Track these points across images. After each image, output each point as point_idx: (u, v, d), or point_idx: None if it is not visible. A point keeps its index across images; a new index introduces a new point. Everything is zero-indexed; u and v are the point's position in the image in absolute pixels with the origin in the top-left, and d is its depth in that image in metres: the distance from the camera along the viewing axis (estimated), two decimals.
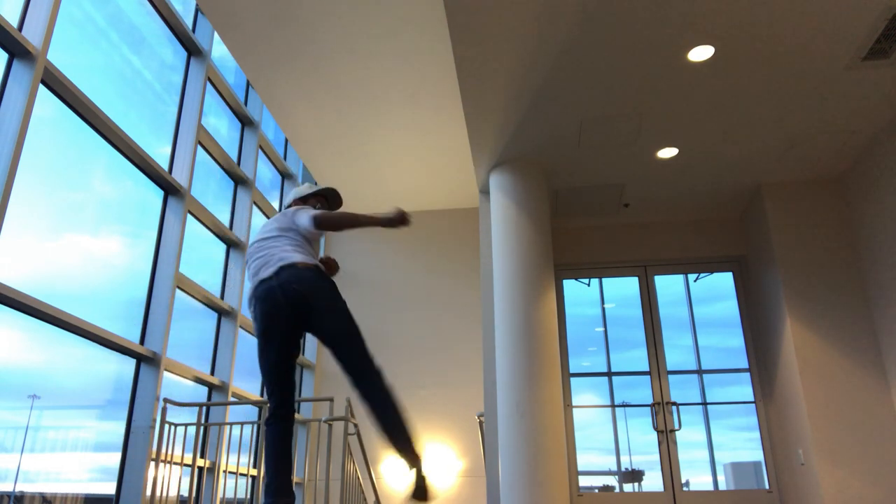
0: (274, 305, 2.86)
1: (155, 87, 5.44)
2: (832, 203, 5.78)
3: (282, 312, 2.86)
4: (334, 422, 4.68)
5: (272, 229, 3.12)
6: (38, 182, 4.04)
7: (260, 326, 2.90)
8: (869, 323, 5.38)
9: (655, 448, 6.04)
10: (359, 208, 8.57)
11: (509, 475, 4.73)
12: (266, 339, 2.89)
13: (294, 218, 3.12)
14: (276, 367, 2.89)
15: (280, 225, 3.12)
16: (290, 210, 3.21)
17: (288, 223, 3.11)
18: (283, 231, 3.08)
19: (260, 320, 2.90)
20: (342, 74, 5.97)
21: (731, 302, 6.52)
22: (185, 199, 5.40)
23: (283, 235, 3.06)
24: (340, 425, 6.11)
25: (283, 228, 3.09)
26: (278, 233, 3.08)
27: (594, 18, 3.96)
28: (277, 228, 3.10)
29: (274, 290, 2.86)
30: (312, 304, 2.88)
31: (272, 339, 2.88)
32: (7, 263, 3.68)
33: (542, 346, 4.99)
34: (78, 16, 4.50)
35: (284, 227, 3.10)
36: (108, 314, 4.56)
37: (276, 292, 2.86)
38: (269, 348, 2.89)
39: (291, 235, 3.07)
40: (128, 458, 4.62)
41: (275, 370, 2.89)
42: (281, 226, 3.11)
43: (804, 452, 5.30)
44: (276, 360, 2.89)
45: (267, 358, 2.90)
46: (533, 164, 5.53)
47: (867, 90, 4.66)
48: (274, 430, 2.87)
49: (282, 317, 2.87)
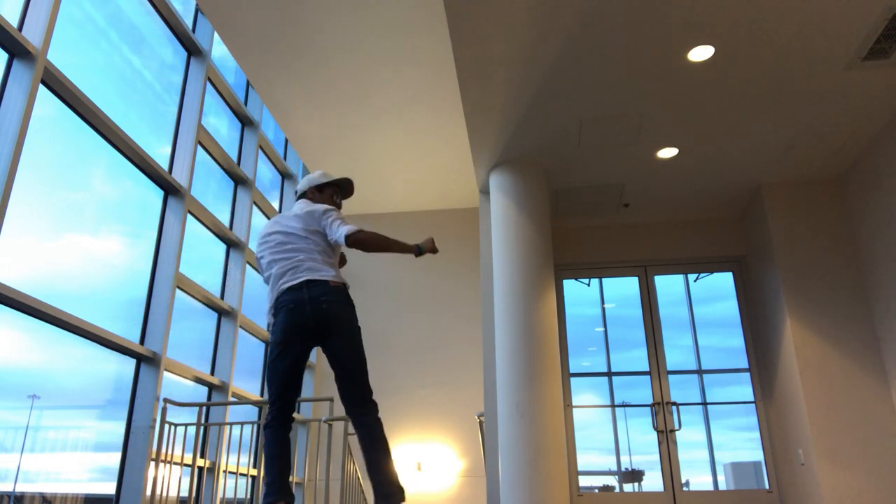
0: (301, 321, 2.83)
1: (155, 87, 5.44)
2: (832, 203, 5.78)
3: (307, 329, 2.84)
4: (334, 422, 4.68)
5: (297, 228, 2.99)
6: (38, 182, 4.04)
7: (280, 337, 2.86)
8: (869, 323, 5.38)
9: (655, 448, 6.04)
10: (359, 208, 8.60)
11: (509, 475, 4.73)
12: (282, 349, 2.86)
13: (323, 222, 3.00)
14: (286, 374, 2.87)
15: (306, 226, 2.99)
16: (316, 209, 3.07)
17: (315, 225, 3.00)
18: (310, 233, 2.97)
19: (281, 331, 2.85)
20: (342, 74, 5.97)
21: (731, 302, 6.52)
22: (185, 199, 5.40)
23: (310, 238, 2.96)
24: (340, 425, 6.11)
25: (310, 231, 2.98)
26: (304, 234, 2.97)
27: (594, 18, 3.96)
28: (304, 229, 2.98)
29: (303, 305, 2.82)
30: (335, 329, 2.85)
31: (289, 352, 2.86)
32: (7, 263, 3.68)
33: (542, 346, 4.99)
34: (78, 16, 4.50)
35: (311, 230, 2.98)
36: (108, 314, 4.56)
37: (306, 307, 2.82)
38: (285, 358, 2.86)
39: (317, 240, 2.97)
40: (128, 458, 4.62)
41: (283, 377, 2.87)
42: (307, 227, 2.99)
43: (804, 452, 5.30)
44: (287, 370, 2.87)
45: (279, 366, 2.86)
46: (533, 164, 5.53)
47: (867, 90, 4.66)
48: (275, 433, 2.85)
49: (305, 333, 2.85)
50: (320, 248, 2.97)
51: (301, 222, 3.02)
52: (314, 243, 2.97)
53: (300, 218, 3.04)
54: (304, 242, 2.96)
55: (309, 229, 3.00)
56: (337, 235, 2.95)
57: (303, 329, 2.84)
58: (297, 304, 2.83)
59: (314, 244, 2.97)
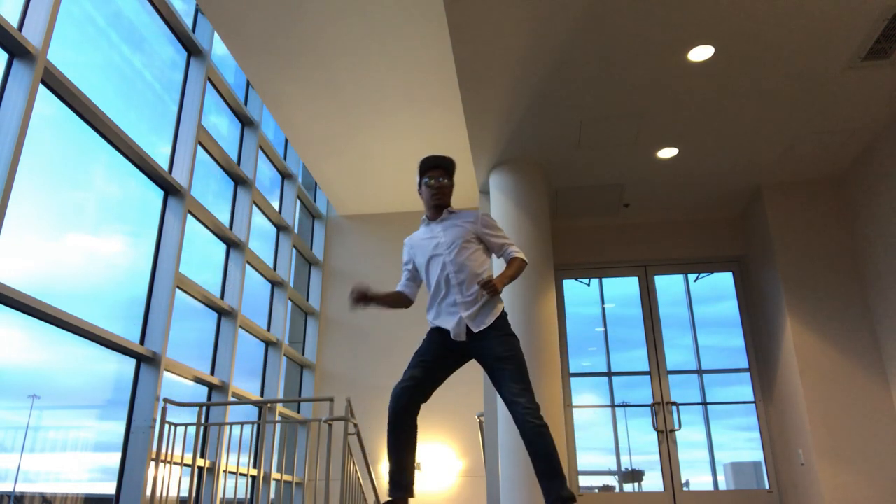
0: (453, 343, 2.84)
1: (155, 87, 5.44)
2: (832, 203, 5.79)
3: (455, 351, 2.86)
4: (334, 422, 4.68)
5: (458, 237, 2.88)
6: (38, 182, 4.04)
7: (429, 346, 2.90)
8: (869, 323, 5.38)
9: (655, 448, 6.04)
10: (359, 208, 8.60)
11: (509, 475, 4.73)
12: (430, 352, 2.89)
13: (492, 238, 2.91)
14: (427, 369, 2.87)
15: (465, 236, 2.88)
16: (475, 216, 2.95)
17: (477, 231, 2.91)
18: (467, 244, 2.88)
19: (432, 341, 2.89)
20: (342, 75, 5.97)
21: (731, 302, 6.52)
22: (185, 199, 5.39)
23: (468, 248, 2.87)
24: (340, 425, 6.12)
25: (468, 241, 2.88)
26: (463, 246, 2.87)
27: (594, 18, 3.96)
28: (463, 239, 2.88)
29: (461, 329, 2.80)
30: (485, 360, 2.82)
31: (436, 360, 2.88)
32: (7, 263, 3.68)
33: (542, 346, 4.99)
34: (78, 16, 4.50)
35: (469, 238, 2.89)
36: (108, 314, 4.56)
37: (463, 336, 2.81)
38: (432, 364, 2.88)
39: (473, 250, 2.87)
40: (128, 458, 4.62)
41: (424, 367, 2.86)
42: (466, 237, 2.88)
43: (804, 452, 5.30)
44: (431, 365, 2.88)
45: (425, 357, 2.88)
46: (533, 164, 5.53)
47: (867, 90, 4.66)
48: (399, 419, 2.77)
49: (454, 354, 2.87)
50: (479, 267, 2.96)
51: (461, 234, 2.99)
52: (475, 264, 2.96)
53: (462, 227, 3.00)
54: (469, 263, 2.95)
55: (467, 239, 2.98)
56: (503, 254, 2.97)
57: (453, 350, 2.92)
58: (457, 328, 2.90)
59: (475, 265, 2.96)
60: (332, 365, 8.16)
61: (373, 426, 7.70)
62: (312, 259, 8.60)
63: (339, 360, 8.16)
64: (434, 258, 2.93)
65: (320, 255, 8.69)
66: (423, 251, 3.00)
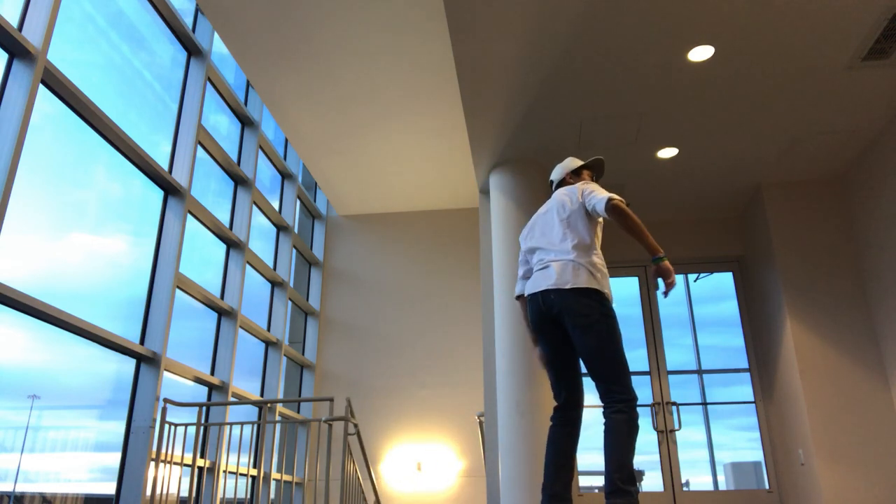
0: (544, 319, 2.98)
1: (155, 87, 5.44)
2: (832, 203, 5.79)
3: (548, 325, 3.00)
4: (334, 422, 4.68)
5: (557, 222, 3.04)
6: (38, 182, 4.04)
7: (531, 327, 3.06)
8: (869, 323, 5.38)
9: (655, 448, 6.04)
10: (359, 208, 8.60)
11: (509, 475, 4.73)
12: (537, 338, 3.04)
13: (584, 197, 2.99)
14: (552, 364, 3.00)
15: (560, 216, 3.03)
16: (572, 189, 3.09)
17: (574, 206, 3.00)
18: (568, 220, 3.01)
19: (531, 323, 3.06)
20: (342, 74, 5.97)
21: (731, 302, 6.52)
22: (185, 199, 5.39)
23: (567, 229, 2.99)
24: (340, 425, 6.12)
25: (564, 220, 3.01)
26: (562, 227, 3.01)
27: (594, 18, 3.96)
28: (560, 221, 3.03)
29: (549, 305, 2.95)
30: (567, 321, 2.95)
31: (544, 342, 3.00)
32: (7, 263, 3.68)
33: None
34: (78, 15, 4.50)
35: (565, 217, 3.01)
36: (108, 314, 4.56)
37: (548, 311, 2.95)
38: (544, 348, 3.00)
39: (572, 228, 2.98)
40: (128, 458, 4.62)
41: (552, 367, 3.00)
42: (562, 217, 3.02)
43: (804, 452, 5.30)
44: (552, 358, 2.99)
45: (542, 350, 3.02)
46: (533, 164, 5.53)
47: (867, 90, 4.66)
48: (556, 430, 2.94)
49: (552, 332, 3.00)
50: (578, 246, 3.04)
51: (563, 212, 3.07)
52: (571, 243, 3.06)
53: (562, 208, 3.08)
54: (563, 242, 3.08)
55: (563, 218, 3.06)
56: (597, 205, 2.92)
57: (546, 326, 3.04)
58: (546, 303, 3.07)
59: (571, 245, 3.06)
60: (332, 365, 8.17)
61: (373, 426, 7.71)
62: (312, 259, 8.60)
63: (339, 360, 8.16)
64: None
65: (320, 255, 8.70)
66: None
